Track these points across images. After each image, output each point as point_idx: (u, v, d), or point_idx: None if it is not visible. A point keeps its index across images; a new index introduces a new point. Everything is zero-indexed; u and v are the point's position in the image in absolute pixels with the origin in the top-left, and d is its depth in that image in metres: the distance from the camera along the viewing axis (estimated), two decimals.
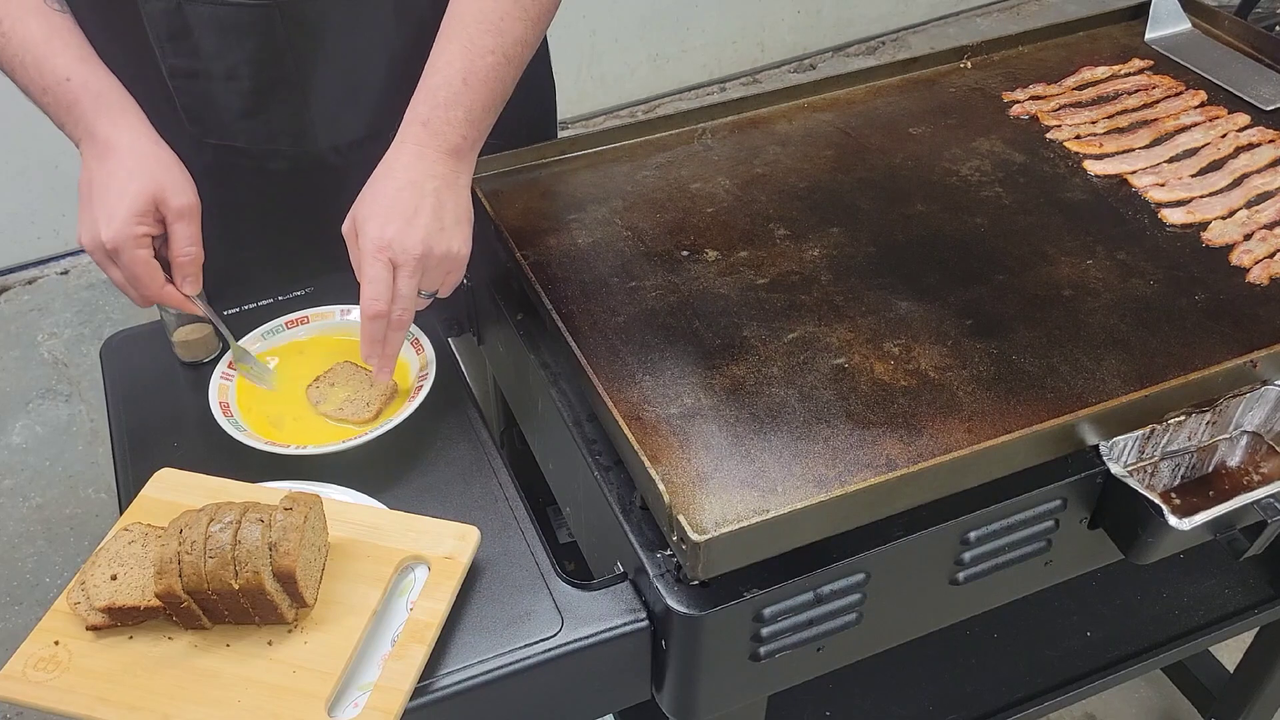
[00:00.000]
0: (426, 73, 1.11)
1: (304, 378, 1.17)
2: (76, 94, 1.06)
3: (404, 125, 1.10)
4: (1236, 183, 1.29)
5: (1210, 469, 1.11)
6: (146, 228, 1.05)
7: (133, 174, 1.05)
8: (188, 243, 1.07)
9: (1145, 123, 1.40)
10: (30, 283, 3.00)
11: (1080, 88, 1.46)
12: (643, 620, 0.96)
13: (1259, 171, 1.31)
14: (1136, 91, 1.45)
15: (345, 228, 1.08)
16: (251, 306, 1.24)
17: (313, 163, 1.28)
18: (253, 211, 1.32)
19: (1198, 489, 1.10)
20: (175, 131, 1.14)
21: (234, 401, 1.13)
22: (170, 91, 1.21)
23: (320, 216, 1.29)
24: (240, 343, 1.18)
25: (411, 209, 1.06)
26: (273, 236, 1.35)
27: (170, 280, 1.09)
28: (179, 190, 1.07)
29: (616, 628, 0.95)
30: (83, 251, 1.05)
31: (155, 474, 1.05)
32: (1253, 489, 1.01)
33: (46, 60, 1.06)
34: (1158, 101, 1.43)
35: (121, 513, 1.04)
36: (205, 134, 1.24)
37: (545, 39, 1.47)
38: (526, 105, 1.45)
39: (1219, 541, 1.04)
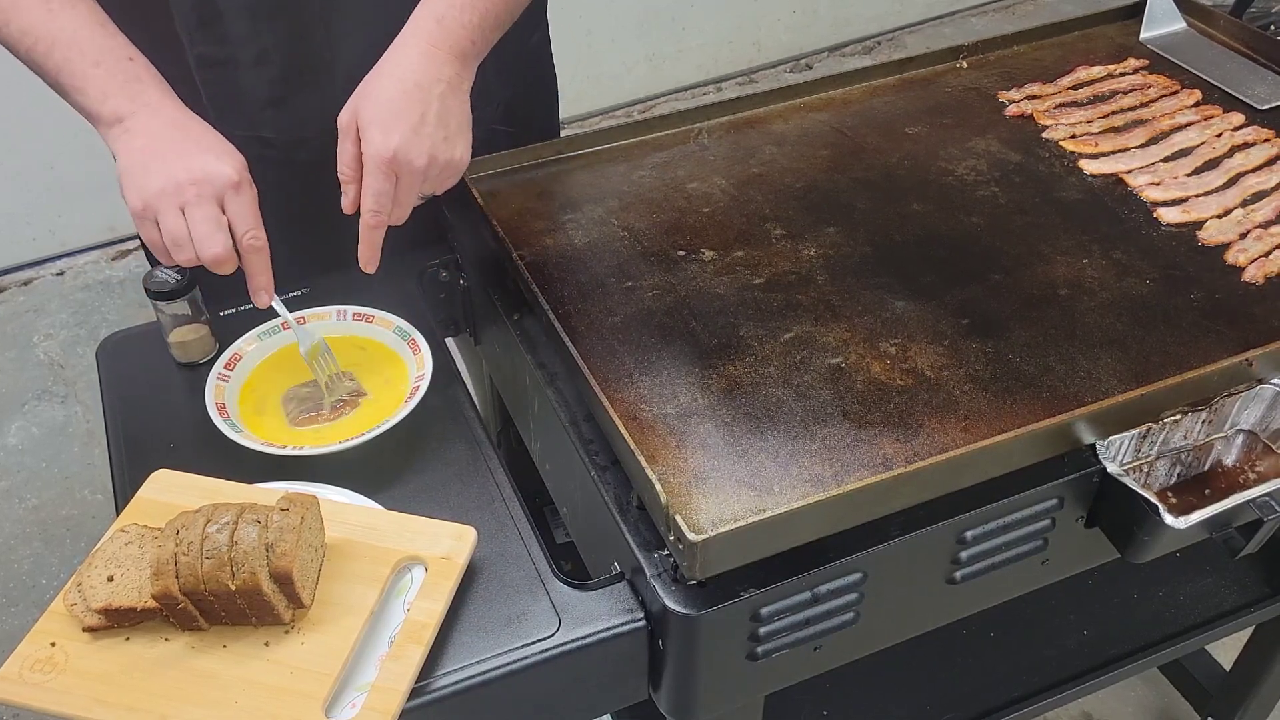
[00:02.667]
0: None
1: (302, 378, 1.17)
2: (140, 72, 1.07)
3: (414, 20, 1.09)
4: (1232, 182, 1.29)
5: (1206, 467, 1.11)
6: (246, 175, 1.06)
7: (222, 138, 1.07)
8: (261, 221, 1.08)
9: (1141, 122, 1.40)
10: (26, 284, 2.99)
11: (1076, 87, 1.46)
12: (640, 620, 0.96)
13: (1254, 170, 1.31)
14: (1132, 91, 1.45)
15: (343, 120, 1.07)
16: (248, 307, 1.24)
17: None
18: (278, 206, 1.31)
19: (1194, 487, 1.10)
20: None
21: (233, 402, 1.13)
22: (195, 87, 1.21)
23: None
24: (238, 343, 1.18)
25: (418, 116, 1.05)
26: (299, 231, 1.33)
27: None
28: (248, 168, 1.09)
29: (614, 628, 0.95)
30: (79, 253, 1.05)
31: (151, 475, 1.04)
32: (1249, 487, 1.01)
33: (105, 40, 1.07)
34: (1153, 101, 1.43)
35: (118, 514, 1.04)
36: (231, 126, 1.23)
37: (548, 37, 1.48)
38: (532, 100, 1.45)
39: (1215, 540, 1.05)
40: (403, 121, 1.04)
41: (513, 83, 1.37)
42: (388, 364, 1.19)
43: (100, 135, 1.09)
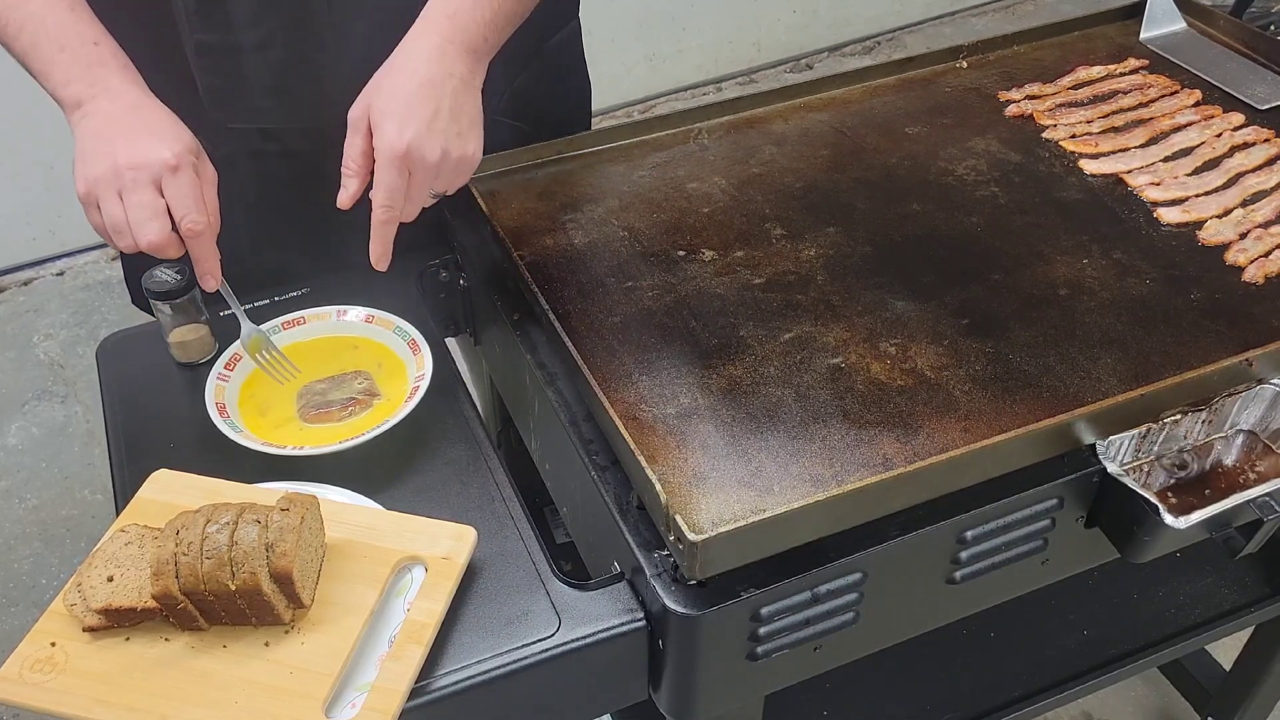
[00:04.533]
0: None
1: (302, 378, 1.17)
2: (104, 57, 1.07)
3: (427, 14, 1.09)
4: (1232, 182, 1.29)
5: (1206, 467, 1.11)
6: (194, 158, 1.05)
7: (176, 122, 1.06)
8: (217, 208, 1.07)
9: (1141, 122, 1.40)
10: (26, 284, 2.99)
11: (1076, 87, 1.46)
12: (640, 620, 0.96)
13: (1254, 170, 1.31)
14: (1132, 91, 1.45)
15: (354, 114, 1.06)
16: (248, 307, 1.24)
17: (344, 143, 1.26)
18: (279, 199, 1.30)
19: (1194, 487, 1.10)
20: (192, 124, 1.11)
21: (233, 402, 1.13)
22: (191, 81, 1.19)
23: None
24: (238, 343, 1.18)
25: (431, 110, 1.04)
26: (300, 224, 1.32)
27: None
28: (208, 158, 1.08)
29: (613, 628, 0.95)
30: (79, 253, 1.04)
31: (151, 475, 1.04)
32: (1249, 487, 1.01)
33: (73, 25, 1.07)
34: (1153, 101, 1.43)
35: (118, 514, 1.04)
36: (229, 117, 1.22)
37: (578, 38, 1.47)
38: (548, 98, 1.45)
39: (1215, 540, 1.05)
40: (417, 116, 1.03)
41: (520, 76, 1.37)
42: (387, 364, 1.18)
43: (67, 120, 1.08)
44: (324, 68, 1.20)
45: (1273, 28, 3.41)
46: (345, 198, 1.08)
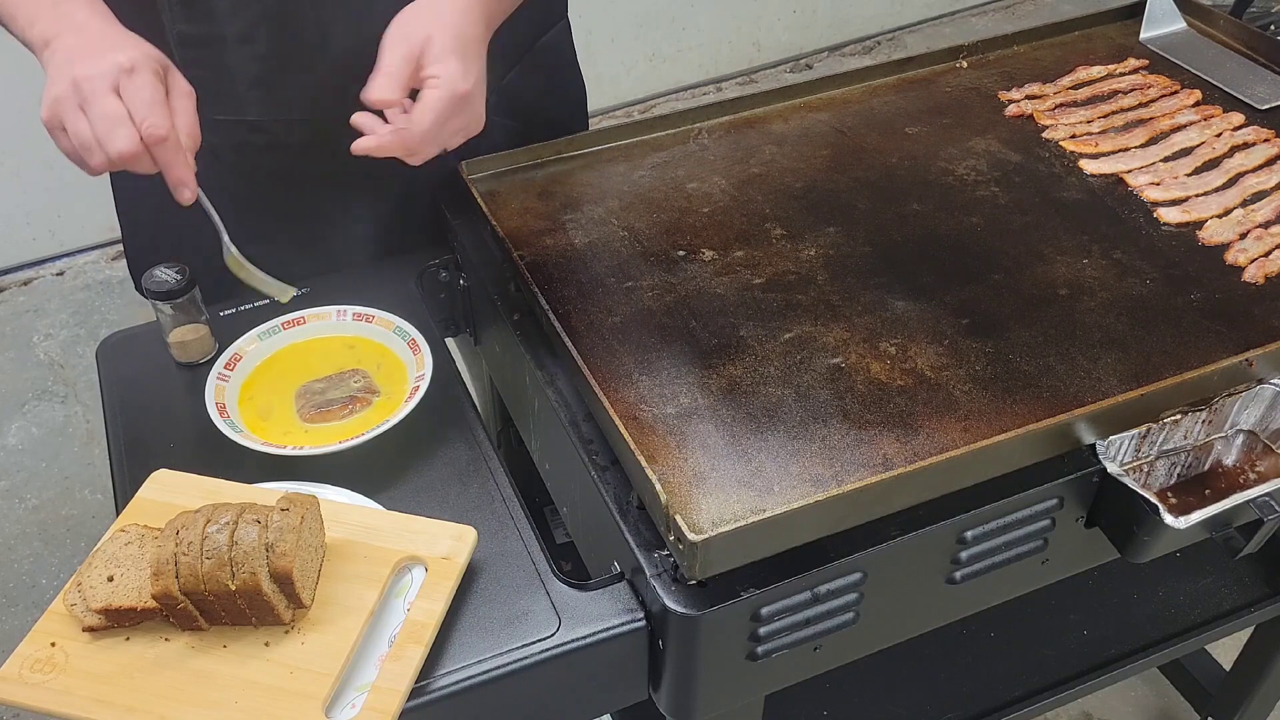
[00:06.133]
0: None
1: (302, 378, 1.17)
2: None
3: None
4: (1232, 182, 1.30)
5: (1206, 467, 1.11)
6: (159, 67, 1.01)
7: (141, 40, 1.03)
8: (194, 122, 1.03)
9: (1141, 122, 1.40)
10: (26, 284, 2.99)
11: (1076, 87, 1.46)
12: (640, 620, 0.96)
13: (1254, 170, 1.31)
14: (1132, 91, 1.45)
15: (398, 36, 1.04)
16: (248, 307, 1.24)
17: (331, 135, 1.21)
18: (266, 192, 1.30)
19: (1194, 487, 1.10)
20: None
21: (233, 402, 1.13)
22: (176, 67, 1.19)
23: (340, 195, 1.24)
24: (238, 343, 1.18)
25: (481, 67, 1.03)
26: (288, 218, 1.31)
27: None
28: (179, 74, 1.04)
29: (614, 628, 0.95)
30: (79, 253, 1.03)
31: (151, 475, 1.04)
32: (1249, 487, 1.01)
33: None
34: (1153, 101, 1.43)
35: (118, 514, 1.04)
36: (214, 109, 1.21)
37: (569, 39, 1.47)
38: (540, 97, 1.45)
39: (1215, 540, 1.05)
40: (475, 68, 1.02)
41: (508, 75, 1.37)
42: (387, 364, 1.19)
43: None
44: (309, 59, 1.19)
45: (1273, 28, 3.41)
46: (372, 136, 1.03)
